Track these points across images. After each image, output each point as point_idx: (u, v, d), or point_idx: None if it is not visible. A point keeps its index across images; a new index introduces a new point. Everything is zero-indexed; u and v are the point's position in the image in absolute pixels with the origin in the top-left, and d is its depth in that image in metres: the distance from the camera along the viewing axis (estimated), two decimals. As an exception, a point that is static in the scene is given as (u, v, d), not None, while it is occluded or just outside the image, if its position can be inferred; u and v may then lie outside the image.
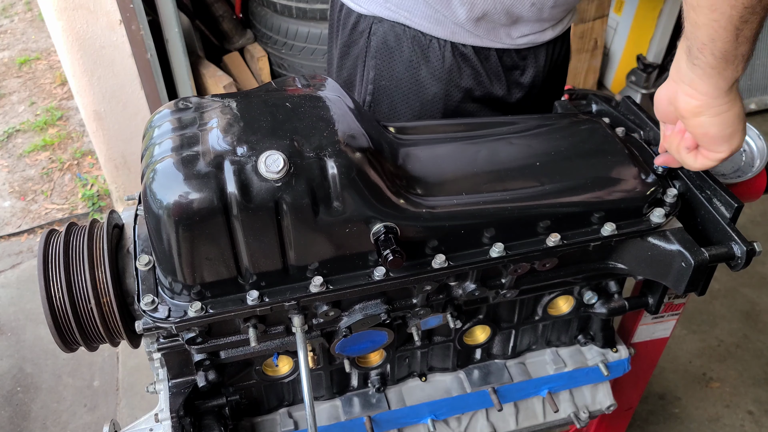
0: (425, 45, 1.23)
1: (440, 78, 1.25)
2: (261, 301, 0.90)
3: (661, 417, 2.22)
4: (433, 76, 1.25)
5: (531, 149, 1.07)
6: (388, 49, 1.26)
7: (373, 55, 1.28)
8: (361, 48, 1.30)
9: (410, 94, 1.29)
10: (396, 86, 1.29)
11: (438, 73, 1.25)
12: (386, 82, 1.29)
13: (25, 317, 2.60)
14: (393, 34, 1.24)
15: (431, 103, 1.28)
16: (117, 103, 2.55)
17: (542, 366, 1.30)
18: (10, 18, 4.69)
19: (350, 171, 0.85)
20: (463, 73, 1.25)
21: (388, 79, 1.29)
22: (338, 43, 1.36)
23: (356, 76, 1.34)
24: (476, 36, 1.21)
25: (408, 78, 1.27)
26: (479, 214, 0.95)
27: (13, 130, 3.63)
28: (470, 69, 1.25)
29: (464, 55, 1.23)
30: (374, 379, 1.22)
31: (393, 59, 1.27)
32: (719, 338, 2.45)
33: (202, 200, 0.81)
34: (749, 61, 0.81)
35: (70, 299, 0.93)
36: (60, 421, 2.26)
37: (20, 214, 3.12)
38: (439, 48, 1.22)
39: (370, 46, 1.28)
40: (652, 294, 1.21)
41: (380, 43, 1.26)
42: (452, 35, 1.21)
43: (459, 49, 1.23)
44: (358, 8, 1.27)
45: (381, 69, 1.28)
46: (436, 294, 1.04)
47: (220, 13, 3.18)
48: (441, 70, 1.24)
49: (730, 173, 1.17)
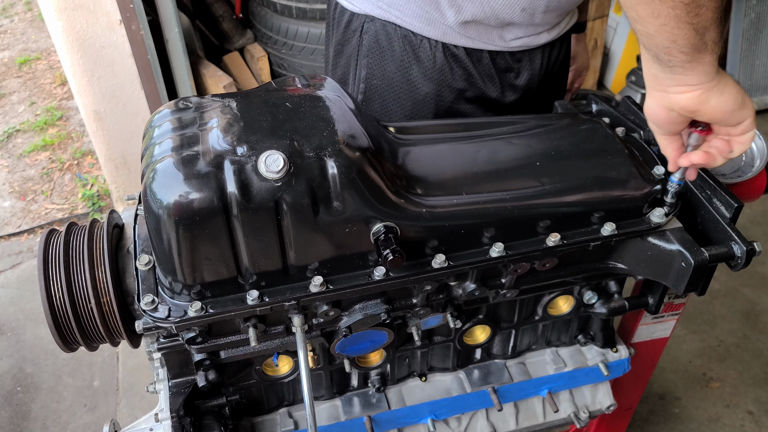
0: (416, 45, 1.22)
1: (431, 78, 1.25)
2: (261, 300, 0.90)
3: (661, 417, 2.21)
4: (425, 76, 1.25)
5: (531, 149, 1.07)
6: (379, 48, 1.26)
7: (365, 54, 1.27)
8: (354, 47, 1.29)
9: (402, 93, 1.28)
10: (388, 85, 1.28)
11: (429, 73, 1.24)
12: (378, 81, 1.29)
13: (25, 317, 2.60)
14: (384, 33, 1.24)
15: (423, 102, 1.27)
16: (117, 103, 2.55)
17: (542, 366, 1.30)
18: (10, 18, 4.69)
19: (350, 171, 0.85)
20: (455, 74, 1.24)
21: (380, 78, 1.28)
22: (333, 42, 1.35)
23: (349, 74, 1.33)
24: (467, 38, 1.20)
25: (399, 77, 1.27)
26: (479, 213, 0.95)
27: (13, 130, 3.64)
28: (462, 70, 1.24)
29: (456, 56, 1.22)
30: (374, 379, 1.22)
31: (384, 58, 1.26)
32: (719, 338, 2.45)
33: (202, 200, 0.81)
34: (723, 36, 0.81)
35: (70, 299, 0.93)
36: (60, 421, 2.26)
37: (20, 214, 3.12)
38: (430, 48, 1.22)
39: (362, 44, 1.27)
40: (652, 294, 1.21)
41: (372, 42, 1.26)
42: (443, 36, 1.20)
43: (450, 49, 1.22)
44: (350, 6, 1.26)
45: (373, 68, 1.28)
46: (436, 294, 1.04)
47: (220, 13, 3.18)
48: (432, 70, 1.24)
49: (730, 173, 1.17)
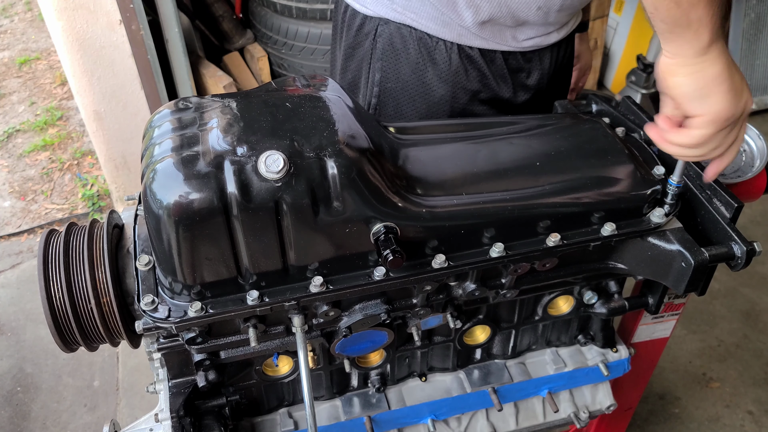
0: (432, 47, 1.22)
1: (447, 80, 1.25)
2: (261, 301, 0.89)
3: (661, 417, 2.21)
4: (440, 78, 1.25)
5: (531, 149, 1.07)
6: (394, 51, 1.25)
7: (379, 57, 1.27)
8: (367, 50, 1.28)
9: (416, 96, 1.28)
10: (402, 88, 1.28)
11: (444, 75, 1.24)
12: (392, 84, 1.28)
13: (25, 317, 2.60)
14: (399, 35, 1.23)
15: (438, 105, 1.27)
16: (117, 103, 2.55)
17: (542, 366, 1.30)
18: (10, 18, 4.69)
19: (350, 171, 0.85)
20: (469, 75, 1.24)
21: (395, 81, 1.28)
22: (342, 45, 1.35)
23: (361, 78, 1.33)
24: (482, 38, 1.20)
25: (414, 80, 1.26)
26: (479, 214, 0.95)
27: (13, 130, 3.63)
28: (476, 71, 1.24)
29: (470, 57, 1.22)
30: (374, 379, 1.22)
31: (399, 61, 1.26)
32: (719, 338, 2.45)
33: (202, 200, 0.81)
34: (718, 24, 0.82)
35: (70, 299, 0.93)
36: (60, 421, 2.26)
37: (20, 214, 3.12)
38: (446, 50, 1.22)
39: (376, 48, 1.27)
40: (652, 294, 1.21)
41: (386, 44, 1.25)
42: (459, 37, 1.20)
43: (465, 51, 1.22)
44: (363, 10, 1.26)
45: (387, 71, 1.28)
46: (436, 294, 1.04)
47: (220, 13, 3.18)
48: (448, 72, 1.24)
49: (730, 173, 1.17)
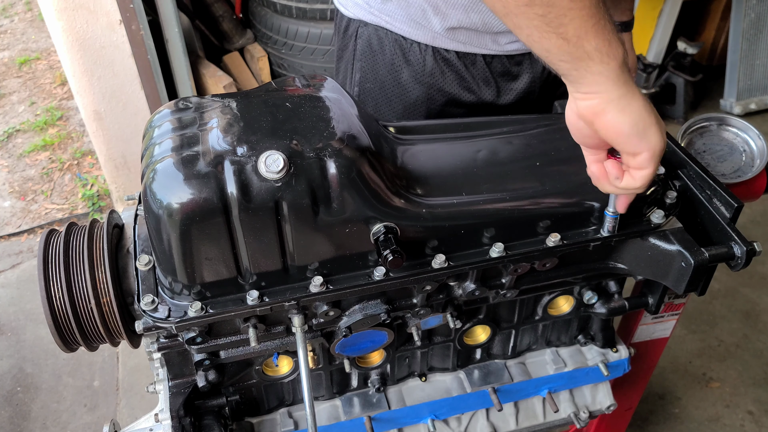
0: (406, 48, 1.23)
1: (422, 81, 1.25)
2: (261, 301, 0.89)
3: (661, 417, 2.21)
4: (415, 79, 1.26)
5: (531, 149, 1.07)
6: (371, 51, 1.27)
7: (359, 57, 1.29)
8: (351, 51, 1.31)
9: (393, 96, 1.29)
10: (380, 88, 1.30)
11: (419, 77, 1.25)
12: (371, 84, 1.30)
13: (25, 317, 2.60)
14: (376, 37, 1.25)
15: (414, 106, 1.28)
16: (117, 103, 2.55)
17: (542, 366, 1.30)
18: (10, 18, 4.69)
19: (350, 171, 0.85)
20: (446, 77, 1.24)
21: (372, 82, 1.30)
22: (336, 47, 1.38)
23: (347, 78, 1.35)
24: (458, 42, 1.20)
25: (391, 81, 1.28)
26: (479, 213, 0.95)
27: (13, 130, 3.64)
28: (453, 73, 1.24)
29: (447, 59, 1.23)
30: (374, 379, 1.22)
31: (376, 62, 1.28)
32: (719, 338, 2.45)
33: (202, 200, 0.81)
34: (619, 43, 0.73)
35: (70, 299, 0.93)
36: (60, 421, 2.26)
37: (20, 214, 3.12)
38: (420, 52, 1.22)
39: (357, 48, 1.29)
40: (652, 294, 1.21)
41: (365, 45, 1.27)
42: (432, 40, 1.21)
43: (441, 53, 1.22)
44: (346, 12, 1.29)
45: (366, 71, 1.30)
46: (436, 294, 1.04)
47: (220, 13, 3.19)
48: (422, 73, 1.24)
49: (730, 173, 1.17)
